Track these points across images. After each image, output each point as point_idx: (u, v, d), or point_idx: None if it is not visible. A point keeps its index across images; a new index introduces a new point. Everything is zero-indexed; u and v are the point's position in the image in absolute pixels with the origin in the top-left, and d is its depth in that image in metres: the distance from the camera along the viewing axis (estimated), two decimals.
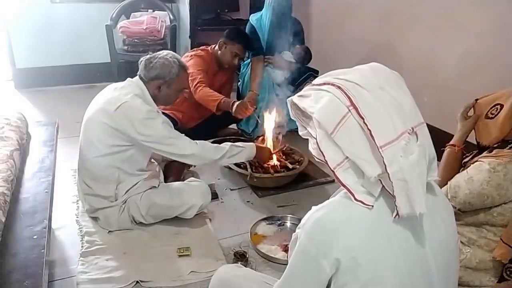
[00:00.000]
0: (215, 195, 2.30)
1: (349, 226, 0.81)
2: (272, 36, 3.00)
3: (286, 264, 0.90)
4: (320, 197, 2.19)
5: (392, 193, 0.78)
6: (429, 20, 2.80)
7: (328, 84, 0.85)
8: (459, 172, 1.45)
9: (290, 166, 2.42)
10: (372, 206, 0.81)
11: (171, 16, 4.22)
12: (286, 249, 1.84)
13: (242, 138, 3.05)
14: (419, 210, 0.78)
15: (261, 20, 3.05)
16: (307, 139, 0.92)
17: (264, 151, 2.30)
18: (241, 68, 3.20)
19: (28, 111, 2.94)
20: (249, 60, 3.10)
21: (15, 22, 3.92)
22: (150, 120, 1.84)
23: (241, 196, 2.38)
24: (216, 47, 2.85)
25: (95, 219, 2.02)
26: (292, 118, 0.94)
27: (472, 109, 1.52)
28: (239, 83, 3.26)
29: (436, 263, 0.85)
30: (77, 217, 2.09)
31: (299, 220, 0.96)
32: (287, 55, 3.10)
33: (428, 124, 0.85)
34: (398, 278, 0.81)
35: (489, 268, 1.39)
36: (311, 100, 0.86)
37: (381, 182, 0.80)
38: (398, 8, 3.05)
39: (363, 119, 0.78)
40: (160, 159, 2.26)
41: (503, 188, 1.30)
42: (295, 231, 0.90)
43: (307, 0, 4.02)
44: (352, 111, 0.80)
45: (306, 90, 0.90)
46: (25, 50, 4.04)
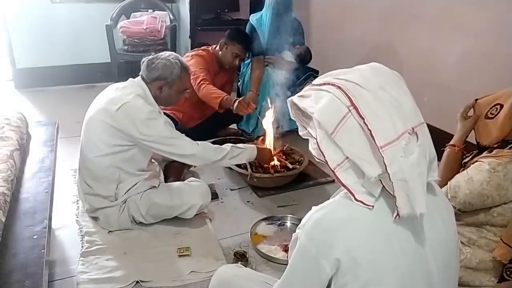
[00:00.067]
0: (215, 195, 2.29)
1: (349, 226, 0.81)
2: (272, 36, 3.00)
3: (286, 264, 0.90)
4: (320, 197, 2.19)
5: (392, 193, 0.78)
6: (429, 20, 2.80)
7: (328, 84, 0.85)
8: (459, 172, 1.45)
9: (290, 166, 2.42)
10: (373, 206, 0.81)
11: (171, 16, 4.22)
12: (286, 249, 1.84)
13: (242, 138, 3.05)
14: (419, 210, 0.78)
15: (261, 20, 3.05)
16: (307, 139, 0.92)
17: (265, 152, 2.30)
18: (241, 68, 3.20)
19: (28, 111, 2.95)
20: (249, 60, 3.10)
21: (15, 22, 3.92)
22: (152, 121, 1.84)
23: (241, 196, 2.38)
24: (217, 47, 2.86)
25: (95, 219, 2.02)
26: (292, 118, 0.94)
27: (472, 109, 1.52)
28: (239, 83, 3.26)
29: (436, 263, 0.85)
30: (77, 217, 2.10)
31: (299, 220, 0.96)
32: (287, 55, 3.10)
33: (428, 124, 0.85)
34: (398, 278, 0.81)
35: (489, 268, 1.39)
36: (311, 100, 0.86)
37: (381, 182, 0.80)
38: (398, 8, 3.05)
39: (363, 119, 0.78)
40: (160, 159, 2.26)
41: (503, 188, 1.30)
42: (295, 231, 0.90)
43: (307, 0, 4.02)
44: (352, 111, 0.80)
45: (306, 90, 0.90)
46: (25, 50, 4.05)
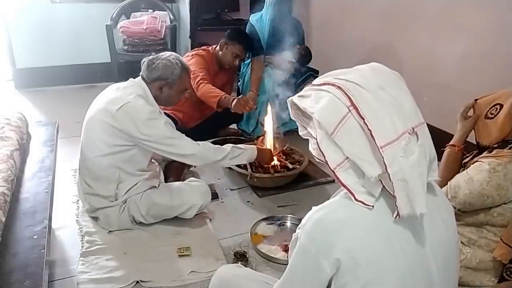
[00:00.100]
0: (215, 195, 2.29)
1: (349, 226, 0.81)
2: (272, 36, 3.00)
3: (286, 264, 0.90)
4: (320, 197, 2.20)
5: (392, 193, 0.78)
6: (429, 20, 2.80)
7: (328, 84, 0.85)
8: (459, 172, 1.45)
9: (290, 166, 2.42)
10: (373, 206, 0.81)
11: (171, 16, 4.23)
12: (286, 249, 1.84)
13: (242, 138, 3.05)
14: (419, 210, 0.78)
15: (261, 20, 3.05)
16: (307, 139, 0.92)
17: (265, 153, 2.30)
18: (241, 68, 3.20)
19: (28, 111, 2.95)
20: (249, 60, 3.10)
21: (15, 22, 3.92)
22: (153, 121, 1.84)
23: (241, 196, 2.38)
24: (217, 47, 2.86)
25: (95, 219, 2.02)
26: (292, 118, 0.94)
27: (471, 109, 1.52)
28: (239, 83, 3.26)
29: (437, 263, 0.85)
30: (77, 217, 2.10)
31: (299, 220, 0.96)
32: (287, 55, 3.09)
33: (428, 124, 0.85)
34: (398, 278, 0.81)
35: (489, 268, 1.39)
36: (311, 100, 0.86)
37: (381, 183, 0.80)
38: (398, 8, 3.05)
39: (363, 119, 0.78)
40: (160, 159, 2.26)
41: (503, 188, 1.30)
42: (295, 231, 0.90)
43: (307, 0, 4.02)
44: (353, 111, 0.80)
45: (306, 90, 0.90)
46: (25, 50, 4.05)
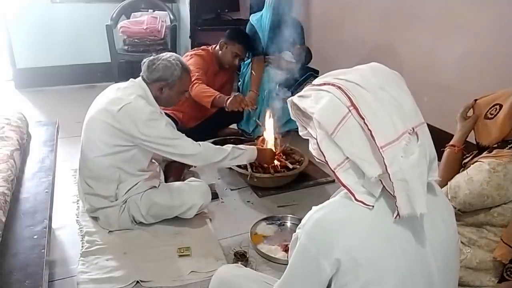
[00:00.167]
0: (215, 195, 2.29)
1: (349, 226, 0.81)
2: (272, 36, 3.00)
3: (286, 264, 0.90)
4: (321, 197, 2.19)
5: (392, 193, 0.78)
6: (429, 20, 2.80)
7: (328, 84, 0.85)
8: (459, 172, 1.45)
9: (290, 166, 2.42)
10: (373, 206, 0.81)
11: (172, 16, 4.23)
12: (286, 249, 1.84)
13: (243, 138, 3.05)
14: (419, 210, 0.78)
15: (261, 20, 3.05)
16: (307, 139, 0.92)
17: (266, 153, 2.30)
18: (241, 68, 3.20)
19: (28, 111, 2.95)
20: (249, 60, 3.10)
21: (15, 22, 3.92)
22: (154, 121, 1.84)
23: (241, 196, 2.38)
24: (217, 47, 2.86)
25: (95, 219, 2.02)
26: (293, 118, 0.94)
27: (471, 109, 1.52)
28: (239, 83, 3.26)
29: (437, 263, 0.85)
30: (77, 217, 2.10)
31: (299, 220, 0.96)
32: (287, 55, 3.10)
33: (428, 124, 0.85)
34: (398, 279, 0.81)
35: (489, 268, 1.39)
36: (311, 100, 0.86)
37: (381, 183, 0.80)
38: (398, 8, 3.05)
39: (363, 119, 0.78)
40: (160, 159, 2.26)
41: (503, 188, 1.30)
42: (295, 231, 0.90)
43: (307, 0, 4.02)
44: (353, 112, 0.80)
45: (306, 90, 0.90)
46: (25, 50, 4.05)
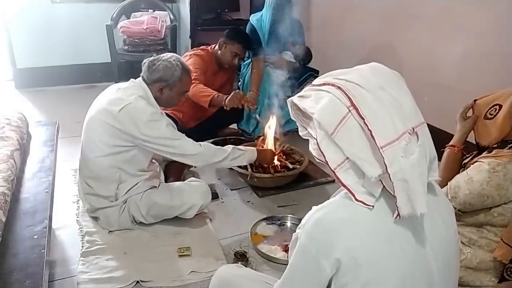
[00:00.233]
0: (215, 195, 2.30)
1: (349, 226, 0.81)
2: (272, 36, 3.00)
3: (286, 264, 0.90)
4: (321, 197, 2.19)
5: (392, 193, 0.78)
6: (429, 20, 2.80)
7: (328, 84, 0.85)
8: (459, 172, 1.45)
9: (291, 166, 2.42)
10: (373, 206, 0.81)
11: (172, 16, 4.22)
12: (286, 249, 1.84)
13: (243, 138, 3.05)
14: (420, 210, 0.78)
15: (261, 20, 3.05)
16: (307, 139, 0.92)
17: (266, 154, 2.30)
18: (241, 68, 3.20)
19: (28, 111, 2.95)
20: (249, 60, 3.10)
21: (15, 22, 3.92)
22: (154, 122, 1.84)
23: (241, 196, 2.38)
24: (216, 47, 2.85)
25: (96, 219, 2.02)
26: (293, 118, 0.94)
27: (471, 109, 1.52)
28: (239, 83, 3.26)
29: (437, 263, 0.85)
30: (77, 217, 2.10)
31: (300, 220, 0.96)
32: (287, 55, 3.10)
33: (428, 124, 0.85)
34: (398, 279, 0.81)
35: (489, 268, 1.39)
36: (311, 100, 0.86)
37: (381, 183, 0.80)
38: (398, 8, 3.05)
39: (363, 119, 0.78)
40: (160, 159, 2.26)
41: (503, 188, 1.30)
42: (295, 231, 0.90)
43: (307, 0, 4.02)
44: (353, 112, 0.80)
45: (306, 90, 0.90)
46: (25, 50, 4.05)
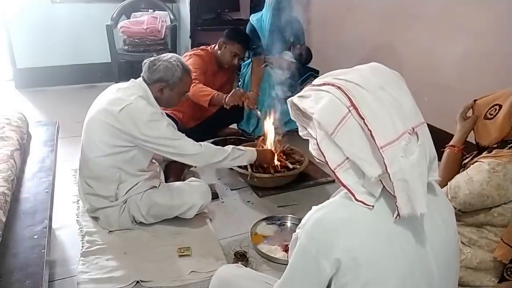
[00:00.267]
0: (215, 195, 2.30)
1: (349, 226, 0.81)
2: (272, 36, 3.00)
3: (287, 264, 0.90)
4: (321, 197, 2.19)
5: (392, 193, 0.78)
6: (429, 20, 2.80)
7: (328, 84, 0.85)
8: (459, 173, 1.45)
9: (291, 166, 2.42)
10: (373, 206, 0.81)
11: (172, 16, 4.23)
12: (286, 249, 1.84)
13: (243, 138, 3.05)
14: (420, 210, 0.78)
15: (261, 20, 3.05)
16: (307, 139, 0.92)
17: (266, 154, 2.30)
18: (241, 68, 3.20)
19: (28, 111, 2.95)
20: (249, 60, 3.10)
21: (16, 22, 3.92)
22: (155, 122, 1.84)
23: (241, 196, 2.38)
24: (216, 47, 2.85)
25: (96, 219, 2.02)
26: (292, 118, 0.94)
27: (470, 109, 1.52)
28: (239, 83, 3.26)
29: (437, 263, 0.85)
30: (77, 217, 2.10)
31: (300, 220, 0.96)
32: (287, 55, 3.10)
33: (428, 124, 0.85)
34: (398, 279, 0.81)
35: (489, 268, 1.39)
36: (311, 100, 0.86)
37: (381, 183, 0.80)
38: (398, 8, 3.05)
39: (363, 119, 0.78)
40: (160, 159, 2.26)
41: (503, 188, 1.30)
42: (295, 231, 0.90)
43: (307, 0, 4.02)
44: (352, 112, 0.80)
45: (306, 90, 0.90)
46: (25, 50, 4.05)
